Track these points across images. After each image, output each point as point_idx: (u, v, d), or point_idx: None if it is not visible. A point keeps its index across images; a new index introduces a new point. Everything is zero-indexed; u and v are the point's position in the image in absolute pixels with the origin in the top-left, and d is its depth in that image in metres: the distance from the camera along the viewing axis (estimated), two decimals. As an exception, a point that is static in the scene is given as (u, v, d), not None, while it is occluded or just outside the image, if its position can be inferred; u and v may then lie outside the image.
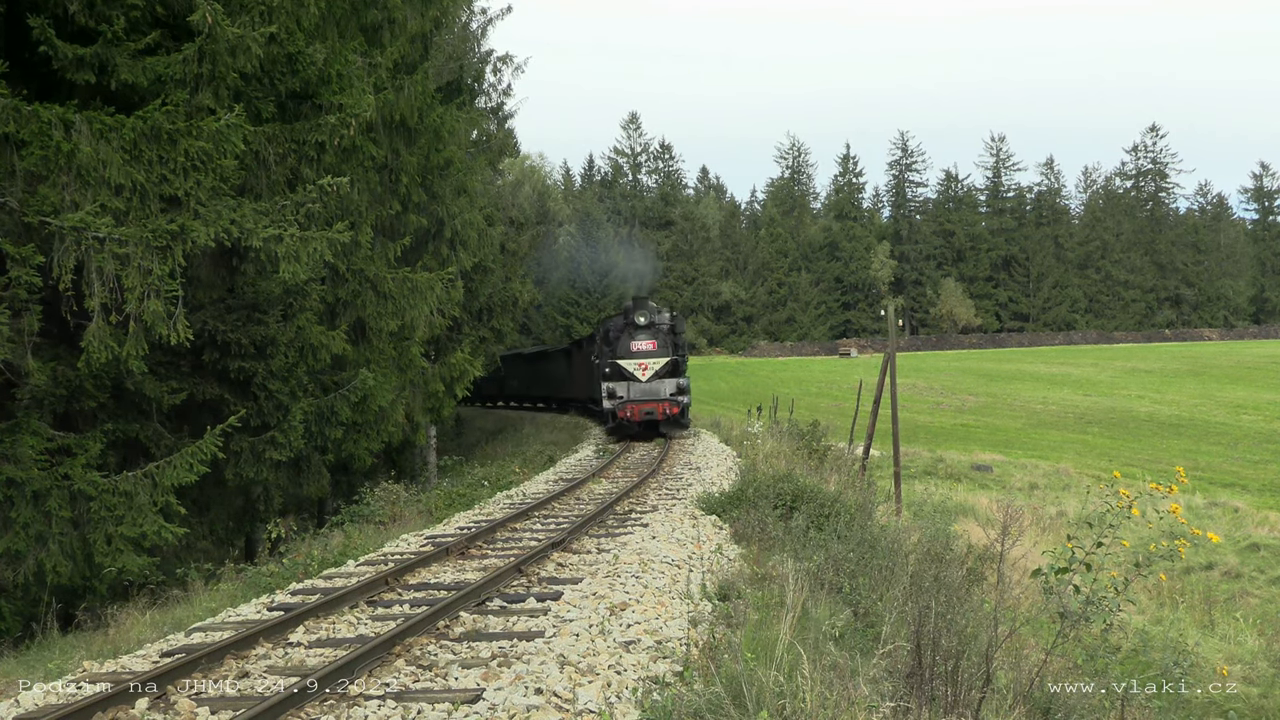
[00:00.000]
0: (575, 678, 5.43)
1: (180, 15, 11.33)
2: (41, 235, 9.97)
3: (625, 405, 24.38)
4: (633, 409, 24.31)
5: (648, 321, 25.27)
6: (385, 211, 17.78)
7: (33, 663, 7.73)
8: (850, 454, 21.76)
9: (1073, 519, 19.73)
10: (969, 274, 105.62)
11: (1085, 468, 29.17)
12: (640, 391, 24.57)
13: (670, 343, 25.37)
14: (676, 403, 24.56)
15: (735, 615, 6.78)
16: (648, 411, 24.27)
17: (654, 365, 24.85)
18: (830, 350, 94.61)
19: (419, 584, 8.56)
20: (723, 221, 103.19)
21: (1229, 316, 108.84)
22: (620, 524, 11.53)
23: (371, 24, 16.47)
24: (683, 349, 26.07)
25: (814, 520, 11.22)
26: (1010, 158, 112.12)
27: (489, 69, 34.32)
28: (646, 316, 25.33)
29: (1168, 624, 14.37)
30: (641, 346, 25.00)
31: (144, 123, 10.36)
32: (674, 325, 26.15)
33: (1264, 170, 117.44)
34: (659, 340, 25.15)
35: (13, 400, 11.00)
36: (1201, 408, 43.89)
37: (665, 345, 25.24)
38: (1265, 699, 11.73)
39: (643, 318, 25.29)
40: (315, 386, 14.90)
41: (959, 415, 43.65)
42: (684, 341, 26.92)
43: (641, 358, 24.94)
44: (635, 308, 25.70)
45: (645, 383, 24.62)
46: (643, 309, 25.61)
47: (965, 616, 7.66)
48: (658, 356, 24.93)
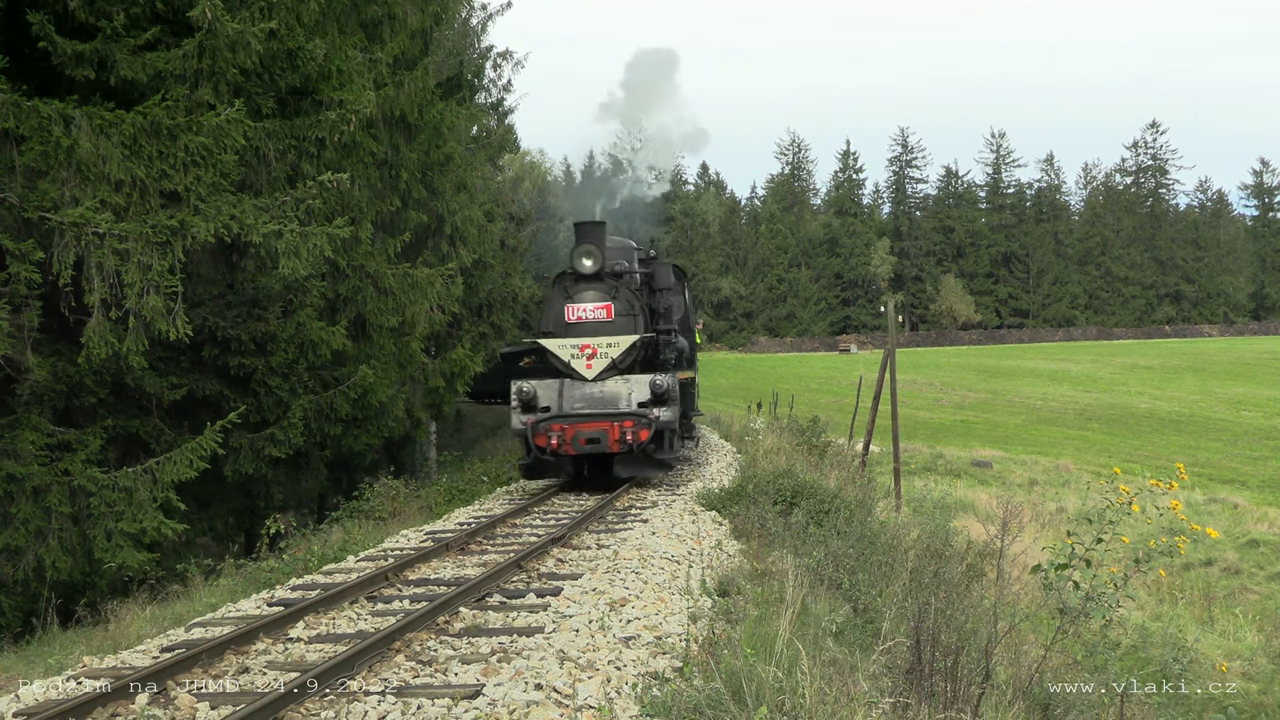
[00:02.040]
0: (575, 673, 5.43)
1: (180, 11, 11.31)
2: (41, 231, 9.96)
3: (548, 426, 13.72)
4: (563, 432, 13.70)
5: (596, 268, 14.42)
6: (385, 207, 17.75)
7: (33, 658, 7.73)
8: (850, 450, 21.78)
9: (1072, 515, 19.75)
10: (969, 270, 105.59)
11: (1085, 464, 29.19)
12: (581, 399, 14.07)
13: (641, 308, 14.70)
14: (646, 420, 13.64)
15: (735, 611, 6.79)
16: (591, 438, 13.67)
17: (607, 349, 14.14)
18: (830, 346, 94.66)
19: (419, 579, 8.57)
20: (723, 217, 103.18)
21: (1229, 313, 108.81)
22: (620, 520, 11.54)
23: (372, 19, 16.46)
24: (673, 318, 15.85)
25: (814, 516, 11.24)
26: (1010, 154, 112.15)
27: (489, 65, 34.24)
28: (595, 259, 14.40)
29: (1167, 620, 14.39)
30: (584, 313, 14.41)
31: (144, 118, 10.35)
32: (651, 276, 15.92)
33: (1264, 166, 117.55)
34: (618, 302, 14.49)
35: (13, 396, 11.00)
36: (1201, 404, 43.89)
37: (630, 311, 14.48)
38: (1264, 695, 11.74)
39: (588, 261, 14.41)
40: (315, 382, 14.90)
41: (959, 411, 43.65)
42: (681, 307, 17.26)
43: (583, 335, 14.26)
44: (578, 240, 14.62)
45: (591, 382, 14.09)
46: (589, 244, 14.46)
47: (965, 612, 7.66)
48: (615, 334, 14.25)
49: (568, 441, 13.64)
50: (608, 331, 14.26)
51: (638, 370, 14.37)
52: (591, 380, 14.06)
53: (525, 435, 13.76)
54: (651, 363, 14.86)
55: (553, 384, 14.08)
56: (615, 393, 13.99)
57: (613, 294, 14.46)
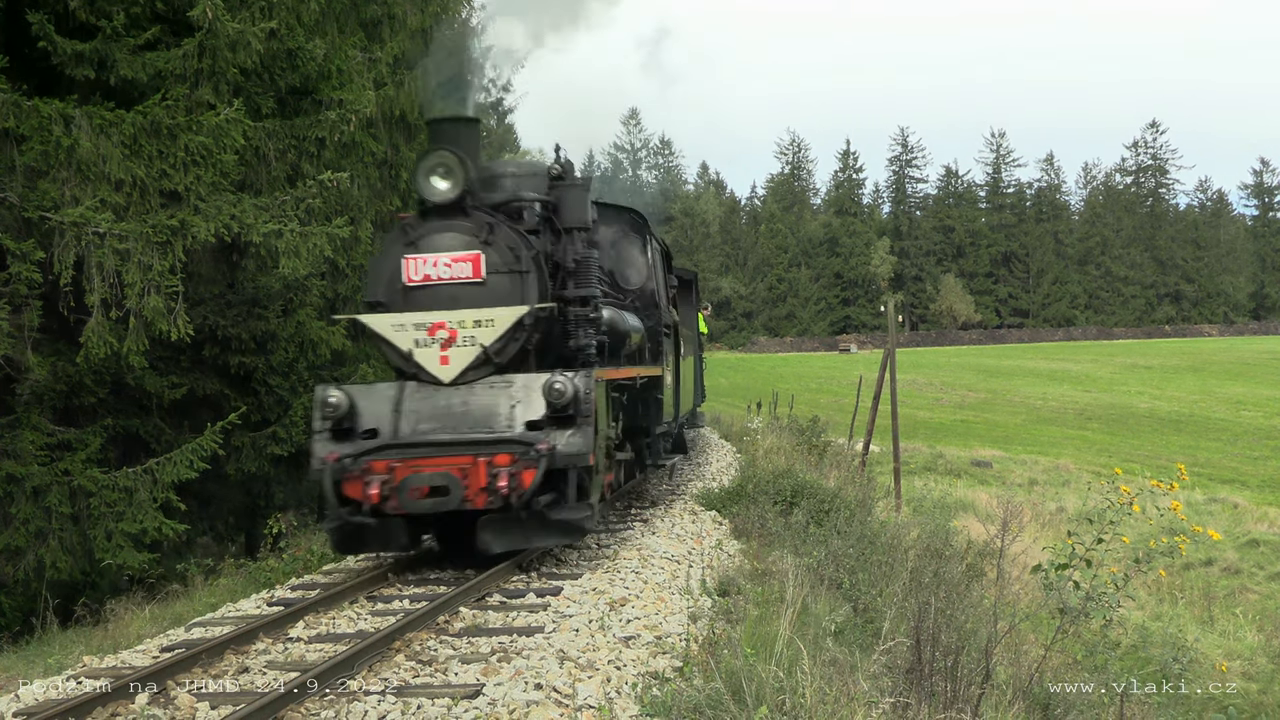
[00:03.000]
0: (575, 673, 5.43)
1: (180, 11, 11.31)
2: (41, 230, 9.97)
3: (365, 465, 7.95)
4: (389, 475, 7.92)
5: (456, 193, 8.51)
6: (385, 207, 17.73)
7: (32, 658, 7.74)
8: (850, 450, 21.77)
9: (1072, 515, 19.75)
10: (969, 270, 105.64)
11: (1085, 464, 29.21)
12: (430, 416, 8.27)
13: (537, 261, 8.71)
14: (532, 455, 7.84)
15: (735, 611, 6.80)
16: (436, 487, 7.84)
17: (474, 331, 8.40)
18: (830, 346, 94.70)
19: (419, 579, 8.56)
20: (723, 217, 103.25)
21: (1229, 313, 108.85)
22: (619, 519, 11.54)
23: (372, 19, 16.45)
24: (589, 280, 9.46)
25: (814, 516, 11.24)
26: (1010, 153, 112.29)
27: (488, 64, 34.25)
28: (454, 179, 8.51)
29: (1167, 620, 14.40)
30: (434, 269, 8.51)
31: (144, 118, 10.36)
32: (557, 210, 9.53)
33: (1264, 166, 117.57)
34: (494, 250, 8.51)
35: (13, 396, 11.00)
36: (1201, 404, 43.92)
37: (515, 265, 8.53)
38: (1264, 695, 11.75)
39: (442, 181, 8.52)
40: (316, 381, 14.89)
41: (959, 411, 43.67)
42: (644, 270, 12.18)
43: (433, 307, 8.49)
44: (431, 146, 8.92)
45: (448, 388, 8.36)
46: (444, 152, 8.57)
47: (965, 612, 7.68)
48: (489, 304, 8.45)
49: (396, 491, 7.79)
50: (476, 301, 8.33)
51: (533, 366, 8.52)
52: (449, 384, 8.24)
53: (324, 482, 7.84)
54: (556, 352, 8.98)
55: (385, 391, 8.31)
56: (488, 406, 8.12)
57: (485, 237, 8.39)
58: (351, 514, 7.95)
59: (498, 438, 8.04)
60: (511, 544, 8.13)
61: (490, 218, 8.67)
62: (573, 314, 9.28)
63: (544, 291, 8.70)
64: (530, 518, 7.92)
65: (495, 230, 8.60)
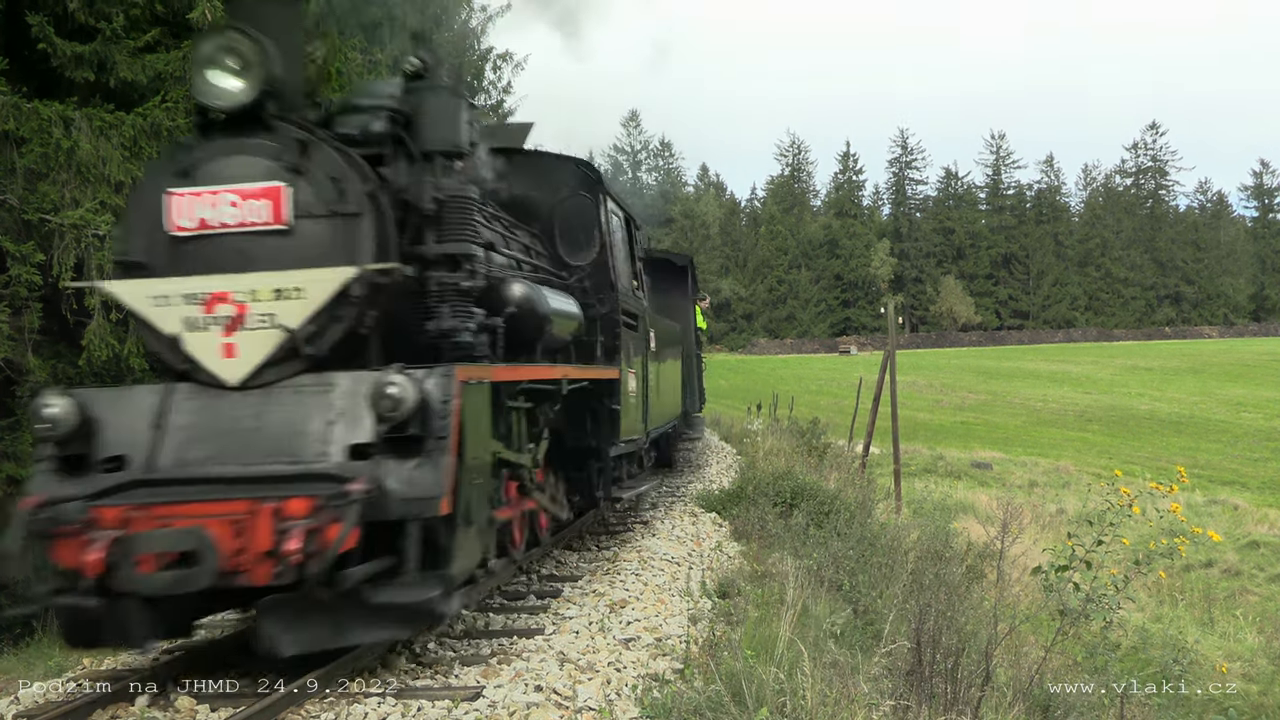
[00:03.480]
0: (575, 675, 5.43)
1: (180, 13, 11.30)
2: (42, 233, 9.97)
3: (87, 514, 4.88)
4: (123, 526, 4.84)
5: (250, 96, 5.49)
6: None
7: (32, 660, 7.73)
8: (850, 451, 21.78)
9: (1072, 516, 19.75)
10: (969, 272, 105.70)
11: (1085, 465, 29.22)
12: (207, 436, 5.26)
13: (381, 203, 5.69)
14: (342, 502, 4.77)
15: (735, 613, 6.80)
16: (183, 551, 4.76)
17: (272, 306, 5.38)
18: (830, 348, 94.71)
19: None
20: (722, 219, 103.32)
21: (1229, 314, 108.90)
22: (619, 521, 11.53)
23: (371, 21, 16.47)
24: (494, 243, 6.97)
25: (814, 518, 11.24)
26: (1010, 155, 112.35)
27: (489, 66, 34.27)
28: (249, 71, 5.45)
29: (1167, 621, 14.40)
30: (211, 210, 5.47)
31: (144, 119, 10.37)
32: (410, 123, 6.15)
33: (1264, 168, 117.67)
34: (309, 182, 5.50)
35: (13, 398, 11.00)
36: (1201, 405, 43.94)
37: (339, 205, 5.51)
38: (1265, 696, 11.75)
39: (230, 79, 5.45)
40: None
41: (959, 413, 43.68)
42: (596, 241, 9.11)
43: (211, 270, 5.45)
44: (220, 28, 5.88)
45: (235, 392, 5.37)
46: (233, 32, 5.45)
47: (965, 614, 7.68)
48: (296, 264, 5.42)
49: (126, 557, 4.85)
50: (278, 260, 5.52)
51: (374, 361, 5.65)
52: (238, 387, 5.46)
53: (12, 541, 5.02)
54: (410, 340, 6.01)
55: (143, 399, 5.51)
56: (292, 422, 5.32)
57: (293, 162, 5.60)
58: (59, 592, 5.02)
59: (301, 471, 5.09)
60: (313, 642, 5.11)
61: (303, 134, 5.67)
62: (435, 281, 6.07)
63: (386, 245, 5.69)
64: (341, 599, 4.97)
65: (310, 151, 5.62)
